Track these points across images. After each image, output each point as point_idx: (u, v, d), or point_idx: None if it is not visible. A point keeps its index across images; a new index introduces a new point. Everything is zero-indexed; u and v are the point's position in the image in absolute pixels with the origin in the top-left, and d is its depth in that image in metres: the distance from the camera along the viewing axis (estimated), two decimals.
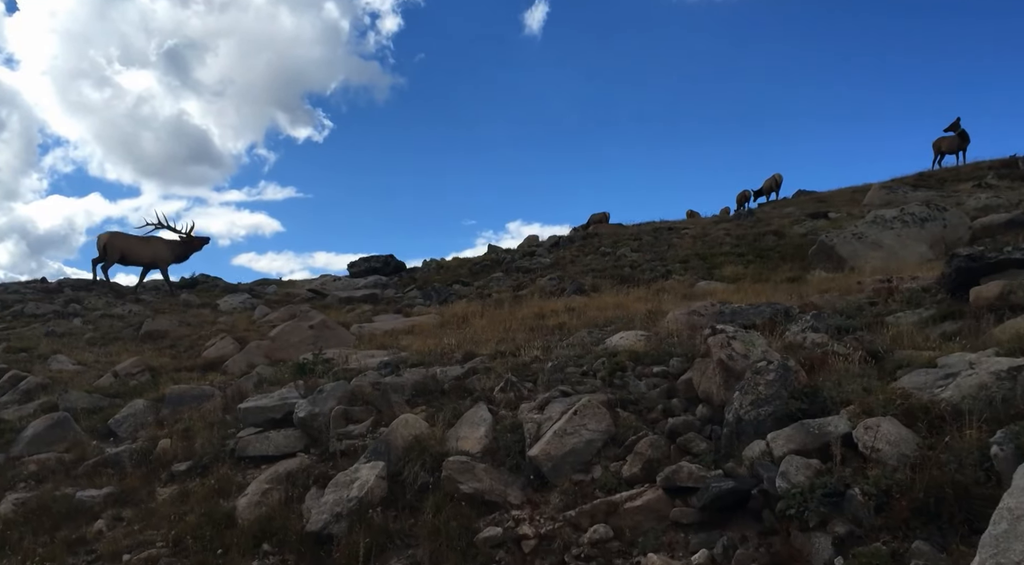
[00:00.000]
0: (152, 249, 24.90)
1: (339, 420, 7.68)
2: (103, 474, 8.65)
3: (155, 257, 24.95)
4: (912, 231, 14.45)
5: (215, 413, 9.61)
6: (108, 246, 23.81)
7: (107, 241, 23.94)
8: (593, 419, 5.77)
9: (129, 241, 24.51)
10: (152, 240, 25.12)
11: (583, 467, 5.63)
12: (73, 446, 10.15)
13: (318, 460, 7.40)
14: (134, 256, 24.54)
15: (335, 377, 8.97)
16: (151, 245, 24.95)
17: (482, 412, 6.55)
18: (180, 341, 17.49)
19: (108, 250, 23.85)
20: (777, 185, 38.98)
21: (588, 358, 7.42)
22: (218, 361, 14.42)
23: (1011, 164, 34.71)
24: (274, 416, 8.35)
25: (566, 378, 6.94)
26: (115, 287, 25.70)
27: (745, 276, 14.93)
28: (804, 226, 20.26)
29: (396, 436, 6.48)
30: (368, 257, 29.85)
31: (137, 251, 24.52)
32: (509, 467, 5.92)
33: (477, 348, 9.19)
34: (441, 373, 7.93)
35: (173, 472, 8.22)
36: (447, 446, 6.29)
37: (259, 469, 7.82)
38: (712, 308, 8.92)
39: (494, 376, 7.50)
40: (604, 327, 9.66)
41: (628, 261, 19.48)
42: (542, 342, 8.86)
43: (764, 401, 5.00)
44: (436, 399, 7.55)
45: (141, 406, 10.97)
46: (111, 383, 13.23)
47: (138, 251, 24.54)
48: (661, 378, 6.62)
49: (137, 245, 24.65)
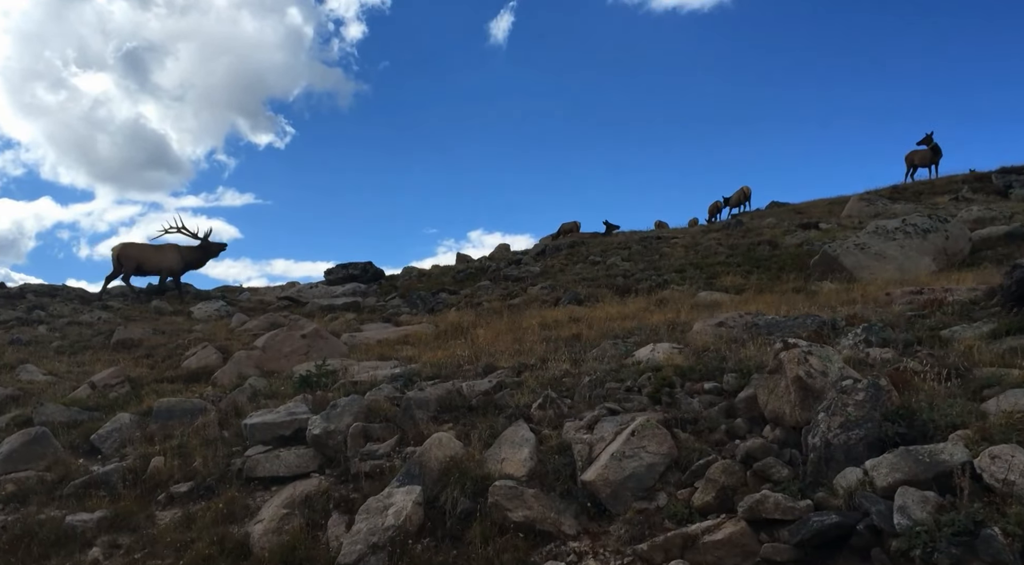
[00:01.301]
0: (167, 257, 24.18)
1: (358, 438, 7.16)
2: (93, 496, 7.99)
3: (171, 265, 24.25)
4: (915, 242, 14.30)
5: (211, 429, 8.99)
6: (122, 257, 23.09)
7: (120, 252, 23.20)
8: (653, 441, 5.34)
9: (144, 250, 23.78)
10: (166, 248, 24.40)
11: (645, 494, 5.19)
12: (54, 464, 9.44)
13: (337, 482, 6.87)
14: (150, 265, 23.84)
15: (344, 391, 8.43)
16: (166, 253, 24.24)
17: (523, 431, 6.07)
18: (156, 350, 16.73)
19: (122, 261, 23.10)
20: (746, 198, 39.43)
21: (628, 372, 6.99)
22: (201, 371, 13.75)
23: (984, 178, 35.21)
24: (283, 433, 7.79)
25: (608, 394, 6.51)
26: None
27: (747, 286, 14.64)
28: (796, 236, 20.10)
29: (430, 457, 5.98)
30: (346, 264, 29.12)
31: (152, 260, 23.80)
32: (560, 493, 5.46)
33: (495, 360, 8.71)
34: (468, 388, 7.44)
35: (172, 494, 7.61)
36: (487, 469, 5.81)
37: (269, 491, 7.26)
38: (740, 319, 8.57)
39: (526, 391, 7.03)
40: (625, 338, 9.25)
41: (620, 270, 19.14)
42: (566, 354, 8.40)
43: (854, 424, 4.61)
44: (464, 416, 7.06)
45: (127, 420, 10.28)
46: (89, 395, 12.49)
47: (153, 259, 23.83)
48: (715, 395, 6.20)
49: (152, 254, 23.93)
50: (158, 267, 24.02)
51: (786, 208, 37.19)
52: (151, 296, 25.15)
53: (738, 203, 39.40)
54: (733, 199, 39.55)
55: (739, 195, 39.51)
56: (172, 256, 24.13)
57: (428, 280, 25.41)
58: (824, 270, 14.45)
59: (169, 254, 24.13)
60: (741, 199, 39.43)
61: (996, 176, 34.53)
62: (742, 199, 39.41)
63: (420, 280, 25.87)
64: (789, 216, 33.31)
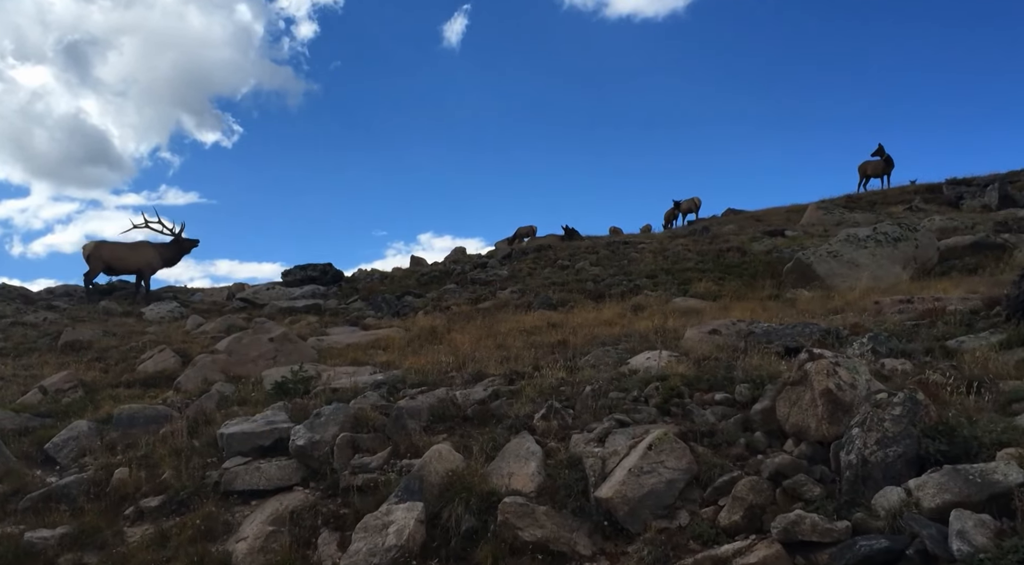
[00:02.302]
0: (142, 255, 23.20)
1: (345, 449, 6.77)
2: (52, 510, 7.44)
3: (145, 264, 23.28)
4: (886, 250, 14.39)
5: (180, 438, 8.48)
6: (92, 257, 22.05)
7: (91, 251, 22.18)
8: (671, 455, 5.08)
9: (117, 249, 22.77)
10: (140, 246, 23.41)
11: (665, 512, 4.92)
12: (5, 475, 8.84)
13: (324, 496, 6.47)
14: (122, 264, 22.84)
15: (325, 399, 8.02)
16: (140, 251, 23.24)
17: (528, 444, 5.77)
18: (107, 353, 16.00)
19: (91, 261, 22.09)
20: (696, 208, 40.06)
21: (632, 382, 6.73)
22: (159, 376, 13.15)
23: (936, 189, 36.07)
24: (262, 443, 7.35)
25: (614, 405, 6.24)
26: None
27: (721, 293, 14.57)
28: (763, 243, 20.19)
29: (430, 471, 5.64)
30: (305, 265, 28.39)
31: (125, 259, 22.82)
32: (572, 510, 5.17)
33: (483, 367, 8.39)
34: (461, 396, 7.10)
35: (142, 508, 7.11)
36: (492, 484, 5.49)
37: (249, 505, 6.82)
38: (733, 327, 8.40)
39: (524, 400, 6.72)
40: (614, 345, 9.02)
41: (590, 275, 18.96)
42: (558, 362, 8.11)
43: (892, 440, 4.42)
44: (459, 426, 6.73)
45: (84, 428, 9.70)
46: (40, 400, 11.84)
47: (126, 258, 22.84)
48: (727, 407, 5.98)
49: (127, 252, 22.94)
50: (136, 266, 23.09)
51: (744, 215, 37.64)
52: (100, 296, 24.21)
53: (688, 211, 40.14)
54: (684, 206, 40.24)
55: (690, 204, 40.24)
56: (149, 254, 23.24)
57: (391, 283, 24.91)
58: (797, 277, 14.47)
59: (146, 252, 23.24)
60: (692, 208, 40.16)
61: (947, 187, 35.42)
62: (692, 208, 40.17)
63: (383, 282, 25.35)
64: (749, 223, 33.68)
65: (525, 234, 40.77)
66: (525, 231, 41.02)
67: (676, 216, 40.65)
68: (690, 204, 40.12)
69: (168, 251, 24.08)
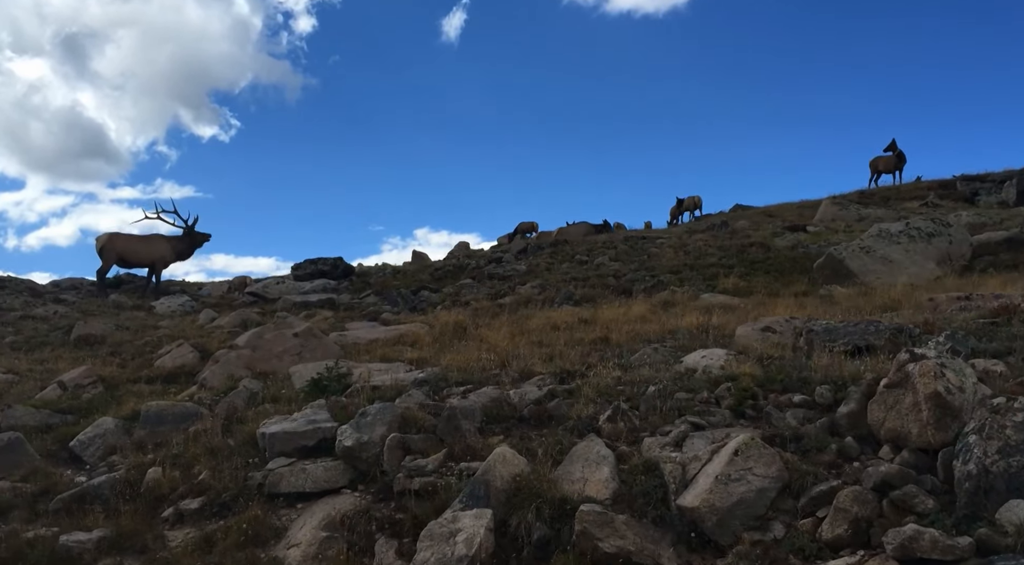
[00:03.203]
0: (155, 248, 22.90)
1: (395, 451, 6.47)
2: (86, 512, 7.15)
3: (159, 256, 22.98)
4: (919, 246, 14.11)
5: (213, 437, 8.20)
6: (105, 249, 21.74)
7: (104, 243, 21.87)
8: (760, 462, 4.79)
9: (131, 242, 22.48)
10: (153, 239, 23.12)
11: (757, 523, 4.62)
12: (31, 474, 8.56)
13: (375, 500, 6.17)
14: (135, 257, 22.55)
15: (367, 397, 7.72)
16: (153, 244, 22.94)
17: (598, 447, 5.47)
18: (121, 347, 15.72)
19: (105, 253, 21.77)
20: (696, 206, 39.84)
21: (697, 382, 6.42)
22: (179, 371, 12.87)
23: (950, 185, 35.82)
24: (306, 443, 7.05)
25: (683, 407, 5.93)
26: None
27: (751, 289, 14.27)
28: (786, 239, 19.90)
29: (495, 476, 5.34)
30: (315, 259, 28.06)
31: (139, 251, 22.52)
32: (652, 519, 4.87)
33: (529, 365, 8.09)
34: (515, 396, 6.81)
35: (182, 511, 6.81)
36: (562, 489, 5.20)
37: (295, 509, 6.52)
38: (787, 324, 8.11)
39: (583, 400, 6.42)
40: (659, 343, 8.73)
41: (610, 270, 18.66)
42: (609, 360, 7.80)
43: (1015, 449, 4.13)
44: (515, 427, 6.44)
45: (111, 426, 9.43)
46: (59, 396, 11.54)
47: (140, 251, 22.55)
48: (807, 409, 5.68)
49: (138, 245, 22.64)
50: (150, 259, 22.80)
51: (754, 211, 37.30)
52: (109, 290, 23.89)
53: (689, 209, 39.96)
54: (686, 203, 40.01)
55: (691, 201, 40.04)
56: (162, 247, 22.96)
57: (404, 277, 24.60)
58: (830, 273, 14.18)
59: (159, 245, 22.95)
60: (692, 206, 39.95)
61: (960, 183, 35.16)
62: (692, 207, 39.95)
63: (395, 277, 25.05)
64: (761, 219, 33.32)
65: (526, 229, 40.52)
66: (526, 227, 40.76)
67: (680, 213, 40.35)
68: (691, 202, 39.90)
69: (180, 244, 23.81)
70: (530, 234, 40.27)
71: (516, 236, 40.11)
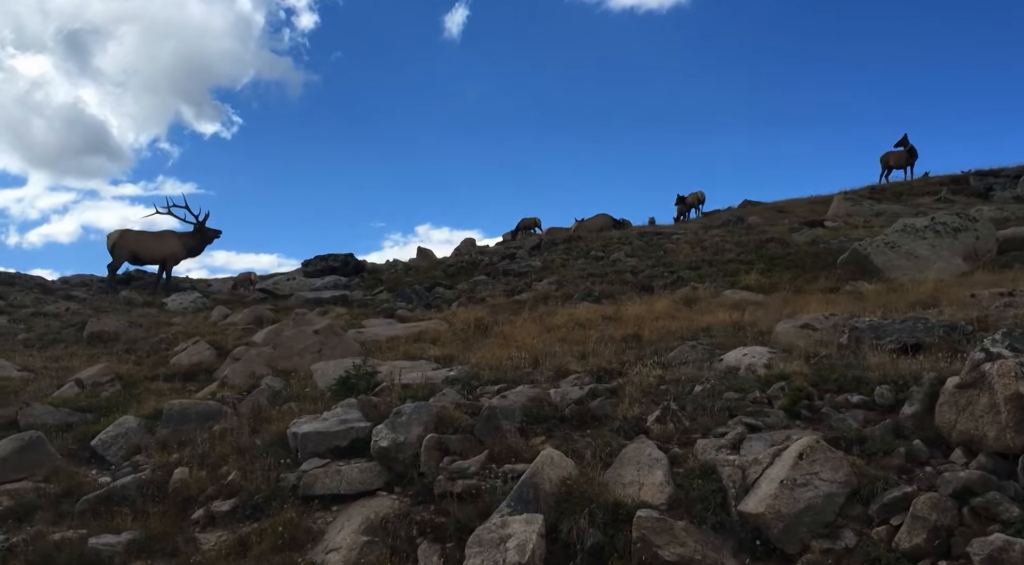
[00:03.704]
0: (166, 245, 22.84)
1: (432, 452, 6.30)
2: (114, 513, 6.99)
3: (170, 253, 22.91)
4: (945, 241, 13.90)
5: (241, 436, 8.04)
6: (117, 246, 21.67)
7: (116, 240, 21.80)
8: (827, 466, 4.60)
9: (142, 238, 22.42)
10: (165, 235, 23.07)
11: (826, 531, 4.42)
12: (53, 474, 8.41)
13: (414, 503, 5.99)
14: (147, 253, 22.49)
15: (398, 396, 7.55)
16: (164, 240, 22.89)
17: (649, 449, 5.28)
18: (136, 345, 15.60)
19: (117, 250, 21.70)
20: (699, 202, 39.54)
21: (746, 381, 6.24)
22: (196, 369, 12.74)
23: (962, 180, 35.58)
24: (339, 444, 6.88)
25: (734, 407, 5.75)
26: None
27: (775, 286, 14.06)
28: (804, 234, 19.68)
29: (543, 479, 5.16)
30: (325, 256, 27.96)
31: (151, 248, 22.47)
32: (712, 526, 4.69)
33: (564, 364, 7.90)
34: (556, 395, 6.63)
35: (213, 513, 6.64)
36: (614, 493, 5.02)
37: (330, 511, 6.35)
38: (827, 321, 7.92)
39: (628, 400, 6.23)
40: (694, 340, 8.55)
41: (627, 266, 18.47)
42: (645, 358, 7.62)
43: None
44: (556, 428, 6.25)
45: (133, 424, 9.28)
46: (77, 394, 11.40)
47: (152, 248, 22.49)
48: (867, 410, 5.49)
49: (150, 241, 22.58)
50: (161, 255, 22.71)
51: (763, 207, 37.09)
52: (118, 286, 23.78)
53: (693, 205, 39.63)
54: (689, 200, 39.69)
55: (694, 197, 39.76)
56: (174, 243, 22.87)
57: (417, 274, 24.44)
58: (854, 269, 13.97)
59: (170, 241, 22.87)
60: (696, 202, 39.66)
61: (973, 178, 34.93)
62: (697, 202, 39.65)
63: (408, 273, 24.89)
64: (772, 214, 33.14)
65: (529, 225, 40.37)
66: (529, 223, 40.59)
67: (686, 211, 39.98)
68: (694, 198, 39.60)
69: (191, 241, 23.71)
70: (533, 230, 40.11)
71: (519, 232, 39.96)
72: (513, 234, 40.59)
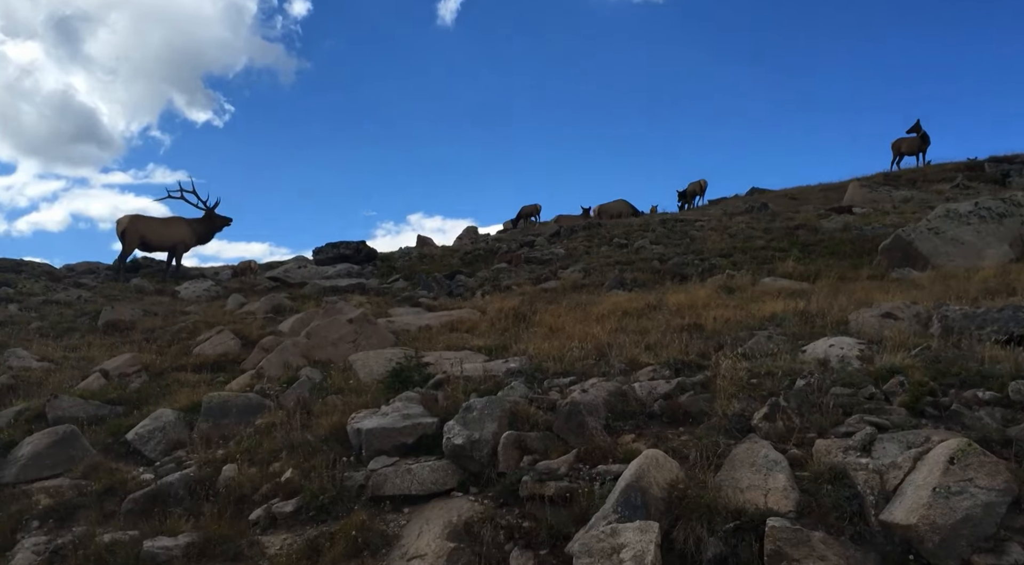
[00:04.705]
0: (176, 231, 22.38)
1: (511, 450, 5.91)
2: (166, 514, 6.60)
3: (179, 239, 22.47)
4: (991, 227, 13.51)
5: (291, 432, 7.64)
6: (127, 231, 21.20)
7: (126, 226, 21.32)
8: (982, 472, 4.20)
9: (152, 224, 21.98)
10: (174, 221, 22.62)
11: (988, 545, 4.00)
12: (91, 470, 8.05)
13: (495, 505, 5.60)
14: (157, 240, 22.03)
15: (463, 390, 7.14)
16: (174, 227, 22.43)
17: (764, 450, 4.88)
18: (155, 334, 15.14)
19: (127, 236, 21.22)
20: (702, 190, 38.72)
21: (852, 376, 5.82)
22: (222, 360, 12.32)
23: (976, 167, 35.19)
24: (405, 441, 6.48)
25: (848, 403, 5.34)
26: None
27: (814, 273, 13.65)
28: (833, 221, 19.26)
29: (650, 482, 4.77)
30: (336, 243, 27.44)
31: (160, 234, 22.01)
32: (850, 537, 4.29)
33: (635, 355, 7.50)
34: (640, 389, 6.23)
35: (274, 514, 6.25)
36: (731, 499, 4.62)
37: (401, 513, 5.95)
38: (908, 310, 7.53)
39: (723, 395, 5.82)
40: (762, 330, 8.16)
41: (653, 254, 18.05)
42: (726, 350, 7.19)
43: None
44: (645, 425, 5.86)
45: (171, 418, 8.89)
46: (103, 385, 10.99)
47: (161, 234, 22.04)
48: (1003, 408, 5.08)
49: (160, 227, 22.12)
50: (171, 242, 22.26)
51: (774, 194, 36.60)
52: (126, 274, 23.26)
53: (694, 195, 38.71)
54: (689, 190, 38.74)
55: (695, 186, 38.85)
56: (183, 230, 22.40)
57: (432, 262, 24.01)
58: (897, 256, 13.57)
59: (180, 228, 22.40)
60: (697, 191, 38.80)
61: (989, 165, 34.52)
62: (698, 191, 38.81)
63: (422, 261, 24.45)
64: (784, 201, 32.72)
65: (529, 213, 39.91)
66: (529, 210, 40.12)
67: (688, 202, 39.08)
68: (695, 187, 38.70)
69: (201, 227, 23.23)
70: (533, 218, 39.64)
71: (520, 220, 39.52)
72: (514, 222, 40.14)
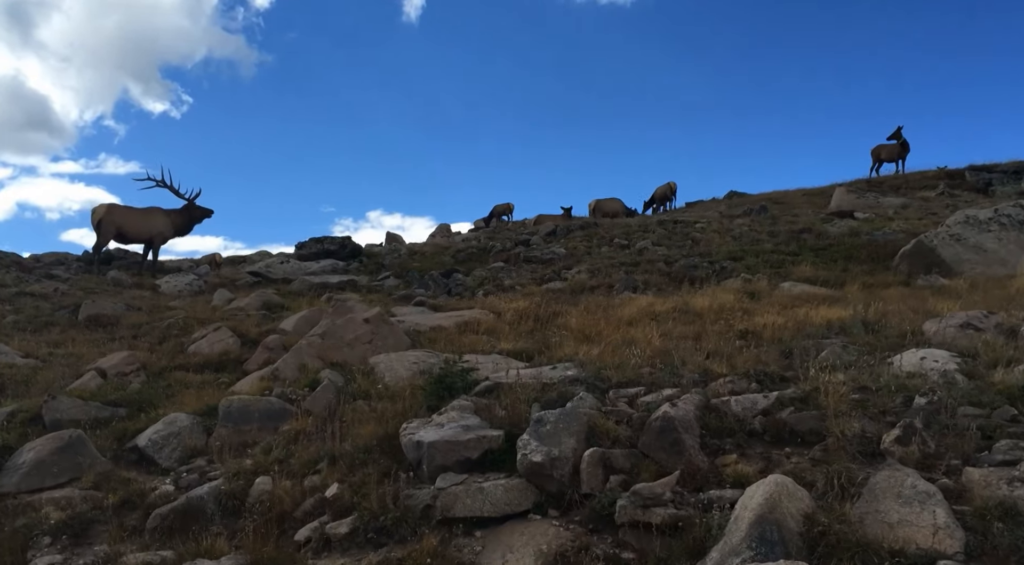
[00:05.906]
0: (154, 222, 21.37)
1: (595, 469, 5.38)
2: (202, 532, 5.94)
3: (157, 231, 21.47)
4: (1012, 234, 13.34)
5: (327, 442, 7.03)
6: (104, 221, 20.12)
7: (103, 216, 20.25)
8: None
9: (129, 214, 20.94)
10: (152, 212, 21.56)
11: None
12: (103, 480, 7.37)
13: (584, 531, 5.06)
14: (134, 230, 20.99)
15: (525, 399, 6.57)
16: (152, 218, 21.39)
17: (911, 479, 4.39)
18: (142, 330, 14.38)
19: (103, 226, 20.15)
20: (672, 192, 37.90)
21: (977, 394, 5.40)
22: (222, 358, 11.65)
23: (957, 175, 35.48)
24: (469, 455, 5.89)
25: (986, 426, 4.86)
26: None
27: (834, 279, 13.35)
28: (837, 225, 19.05)
29: (784, 514, 4.26)
30: (320, 238, 26.63)
31: (140, 225, 20.97)
32: None
33: (706, 365, 7.01)
34: (736, 404, 5.73)
35: (327, 535, 5.63)
36: (881, 536, 4.11)
37: (473, 537, 5.37)
38: (987, 320, 7.17)
39: (832, 412, 5.32)
40: (825, 339, 7.75)
41: (657, 255, 17.63)
42: (809, 360, 6.70)
43: None
44: (746, 444, 5.37)
45: (185, 423, 8.25)
46: (100, 385, 10.27)
47: (141, 225, 21.00)
48: None
49: (137, 218, 21.08)
50: (148, 233, 21.25)
51: (754, 198, 36.46)
52: (100, 265, 22.22)
53: (664, 198, 37.56)
54: (658, 194, 37.70)
55: (665, 189, 37.88)
56: (161, 221, 21.39)
57: (423, 259, 23.33)
58: (918, 262, 13.35)
59: (158, 219, 21.39)
60: (667, 193, 37.81)
61: (969, 173, 34.77)
62: (668, 193, 37.82)
63: (413, 258, 23.77)
64: (768, 205, 32.62)
65: (502, 212, 39.53)
66: (502, 209, 39.71)
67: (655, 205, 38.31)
68: (665, 189, 37.87)
69: (180, 219, 22.26)
70: (506, 216, 39.19)
71: (492, 219, 39.06)
72: (486, 220, 39.69)
